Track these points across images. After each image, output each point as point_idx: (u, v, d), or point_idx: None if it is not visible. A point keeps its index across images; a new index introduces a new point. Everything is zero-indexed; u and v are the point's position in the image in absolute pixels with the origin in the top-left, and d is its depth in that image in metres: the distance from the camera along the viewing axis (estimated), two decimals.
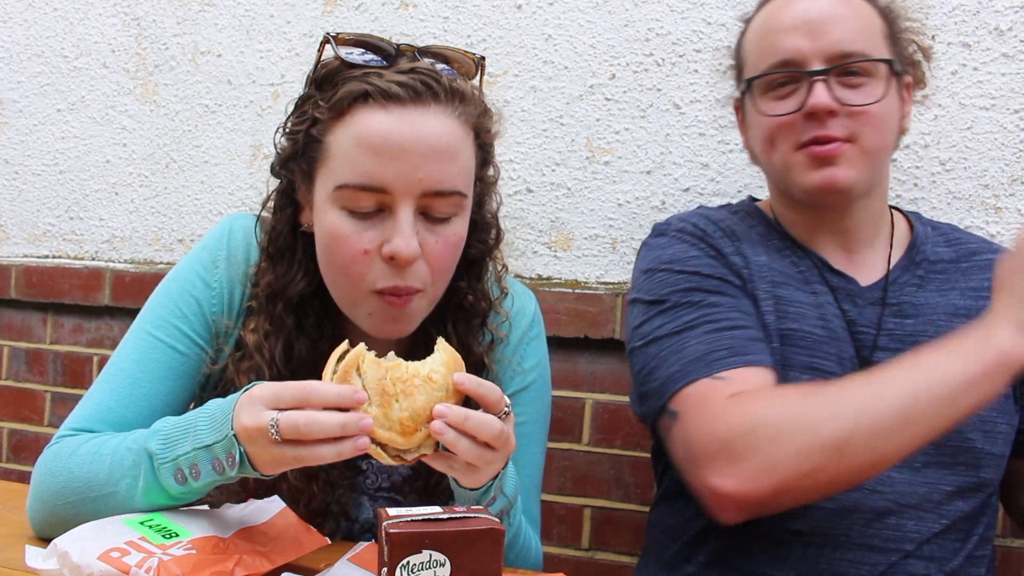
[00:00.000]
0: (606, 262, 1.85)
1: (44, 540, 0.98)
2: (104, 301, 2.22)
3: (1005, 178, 1.62)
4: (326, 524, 1.17)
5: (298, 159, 1.10)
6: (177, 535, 0.97)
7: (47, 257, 2.37)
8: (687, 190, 1.79)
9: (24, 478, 2.35)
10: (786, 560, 1.22)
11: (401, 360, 0.92)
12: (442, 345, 0.95)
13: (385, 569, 0.83)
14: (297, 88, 1.27)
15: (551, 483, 1.85)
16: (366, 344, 0.93)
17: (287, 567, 0.95)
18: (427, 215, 1.05)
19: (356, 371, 0.90)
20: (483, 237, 1.19)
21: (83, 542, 0.93)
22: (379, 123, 1.01)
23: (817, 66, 1.22)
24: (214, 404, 0.97)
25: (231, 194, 2.18)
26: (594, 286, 1.84)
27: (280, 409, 0.88)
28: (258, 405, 0.90)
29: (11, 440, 2.38)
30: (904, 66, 1.29)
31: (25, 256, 2.40)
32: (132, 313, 2.20)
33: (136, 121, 2.27)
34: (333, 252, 1.06)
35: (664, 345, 1.22)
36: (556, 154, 1.88)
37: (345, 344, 0.92)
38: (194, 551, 0.93)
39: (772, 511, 1.15)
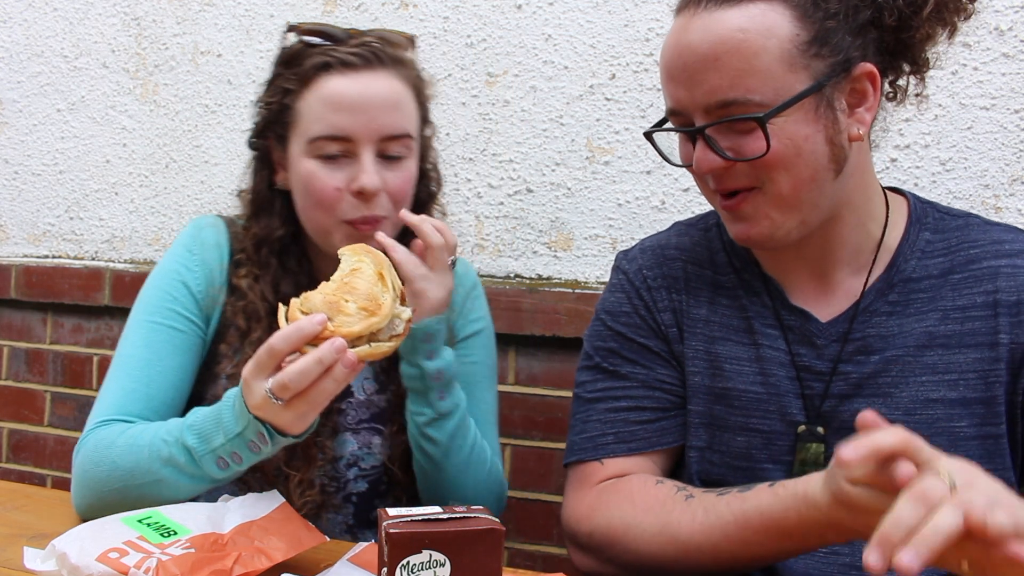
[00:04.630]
0: (606, 262, 1.84)
1: (43, 541, 0.98)
2: (104, 301, 2.21)
3: (1005, 178, 1.62)
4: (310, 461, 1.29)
5: (273, 126, 1.32)
6: (175, 533, 0.98)
7: (47, 257, 2.37)
8: (687, 190, 1.79)
9: (24, 478, 2.35)
10: None
11: (325, 282, 1.04)
12: (344, 251, 1.07)
13: (385, 569, 0.83)
14: None
15: (551, 483, 1.85)
16: None
17: (286, 567, 0.95)
18: (384, 156, 1.27)
19: (302, 312, 1.00)
20: (427, 183, 1.42)
21: (82, 543, 0.93)
22: (341, 85, 1.25)
23: (699, 120, 1.06)
24: (232, 394, 1.08)
25: (231, 194, 2.16)
26: (594, 286, 1.84)
27: (266, 376, 1.00)
28: (250, 383, 1.02)
29: (11, 440, 2.38)
30: (841, 70, 1.05)
31: (25, 256, 2.40)
32: None
33: (136, 121, 2.27)
34: (310, 192, 1.27)
35: (578, 409, 1.28)
36: (556, 154, 1.88)
37: (283, 307, 1.05)
38: (192, 549, 0.93)
39: None
